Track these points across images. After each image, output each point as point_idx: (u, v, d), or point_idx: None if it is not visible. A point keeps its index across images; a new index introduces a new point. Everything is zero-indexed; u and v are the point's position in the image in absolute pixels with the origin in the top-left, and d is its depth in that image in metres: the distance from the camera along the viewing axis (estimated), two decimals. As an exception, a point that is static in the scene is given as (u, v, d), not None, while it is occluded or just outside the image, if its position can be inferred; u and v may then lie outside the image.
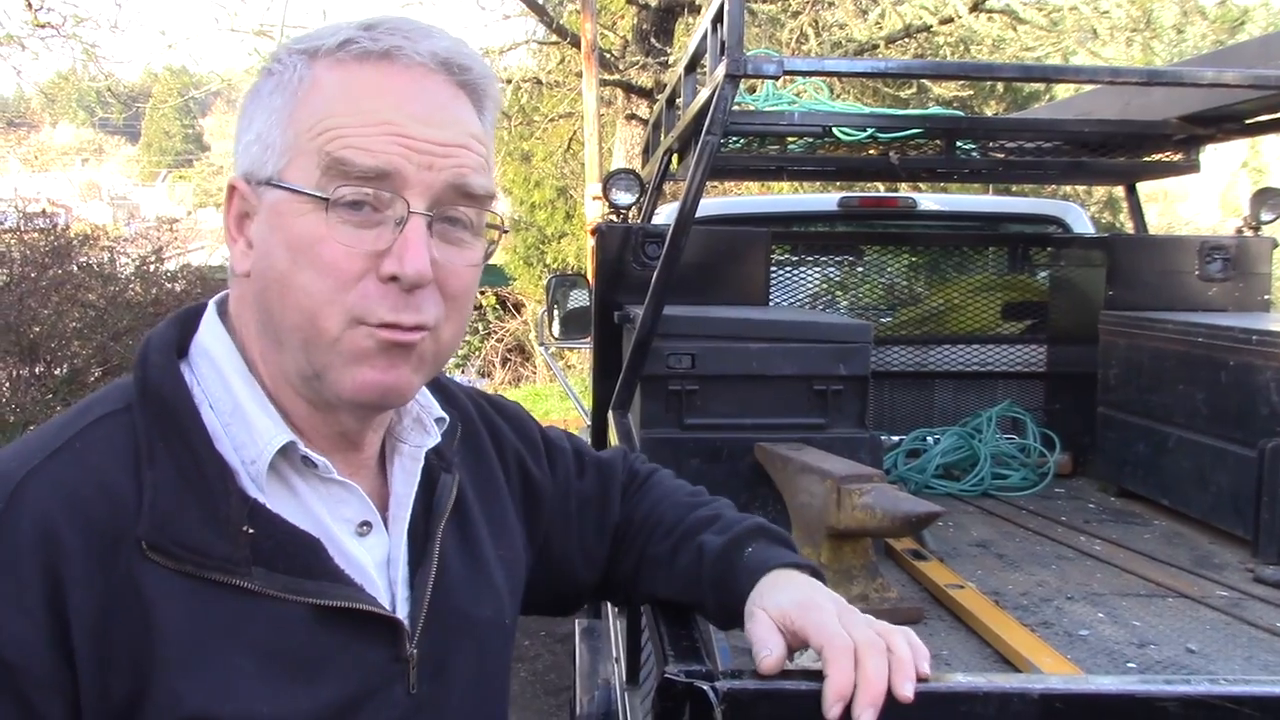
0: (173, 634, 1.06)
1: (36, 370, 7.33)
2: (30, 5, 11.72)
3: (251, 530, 1.12)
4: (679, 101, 3.39)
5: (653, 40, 11.75)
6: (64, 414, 1.18)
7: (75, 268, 7.91)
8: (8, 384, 7.27)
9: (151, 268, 8.52)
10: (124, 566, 1.07)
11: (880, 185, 9.17)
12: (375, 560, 1.22)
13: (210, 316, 1.24)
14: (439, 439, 1.32)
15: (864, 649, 1.16)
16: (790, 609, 1.25)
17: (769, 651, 1.21)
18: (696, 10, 11.31)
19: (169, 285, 8.15)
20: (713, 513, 1.52)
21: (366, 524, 1.23)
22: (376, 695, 1.17)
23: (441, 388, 1.44)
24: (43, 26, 11.95)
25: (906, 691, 1.13)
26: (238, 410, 1.16)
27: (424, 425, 1.31)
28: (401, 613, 1.23)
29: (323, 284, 1.11)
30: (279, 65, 1.17)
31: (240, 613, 1.10)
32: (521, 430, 1.55)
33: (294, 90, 1.15)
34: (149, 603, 1.06)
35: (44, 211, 10.34)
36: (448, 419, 1.34)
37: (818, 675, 1.15)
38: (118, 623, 1.05)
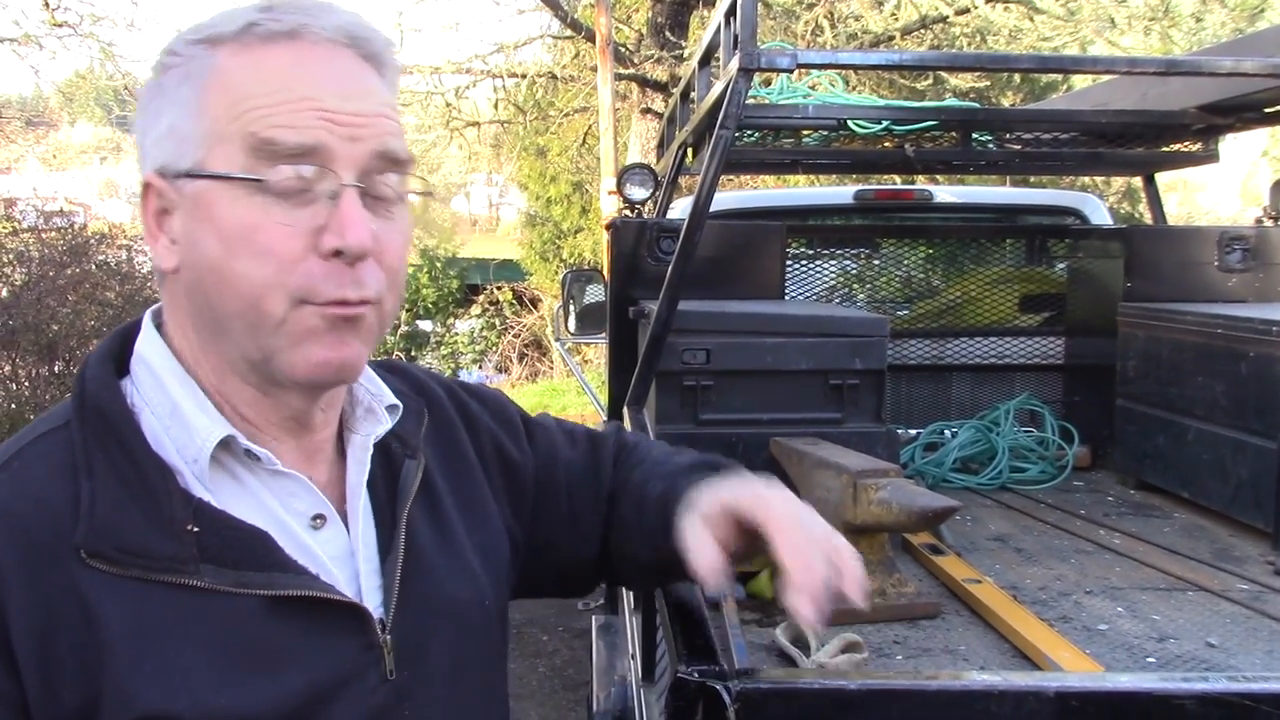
0: (120, 637, 1.07)
1: (55, 368, 7.38)
2: (48, 4, 11.78)
3: (196, 528, 1.12)
4: (693, 95, 3.38)
5: (667, 34, 11.75)
6: (9, 439, 1.20)
7: (93, 266, 7.96)
8: (27, 382, 7.32)
9: (169, 266, 8.53)
10: (64, 576, 1.08)
11: (897, 178, 9.14)
12: (330, 554, 1.22)
13: (146, 326, 1.25)
14: (390, 425, 1.32)
15: (811, 541, 1.15)
16: (729, 495, 1.25)
17: (705, 559, 1.19)
18: (711, 3, 11.28)
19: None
20: (677, 465, 1.51)
21: (320, 517, 1.23)
22: (350, 683, 1.17)
23: (410, 377, 1.45)
24: (60, 25, 12.01)
25: (856, 596, 1.11)
26: (176, 411, 1.17)
27: (375, 414, 1.31)
28: (372, 600, 1.23)
29: (263, 269, 1.11)
30: (178, 58, 1.17)
31: (191, 611, 1.11)
32: (498, 413, 1.55)
33: (201, 79, 1.15)
34: (93, 609, 1.07)
35: (62, 210, 10.40)
36: (401, 406, 1.34)
37: (833, 674, 1.14)
38: (62, 632, 1.07)
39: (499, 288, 19.09)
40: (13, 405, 7.13)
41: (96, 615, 1.07)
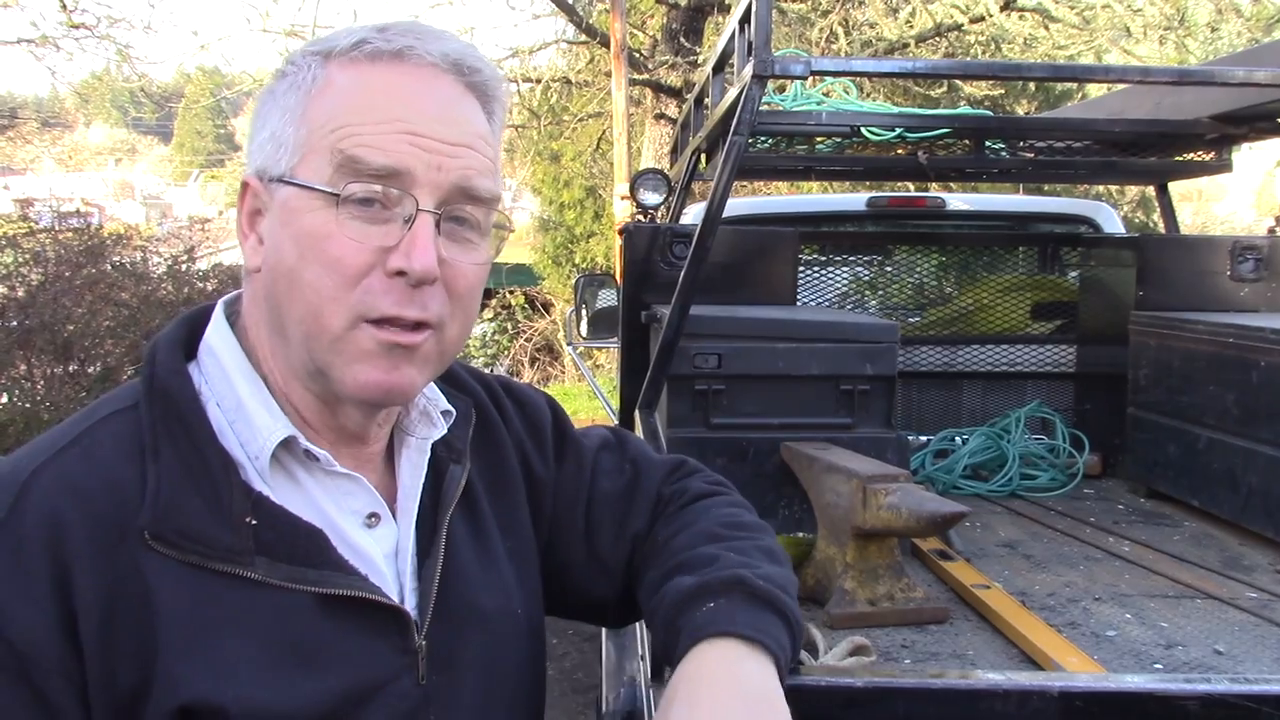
0: (175, 622, 1.09)
1: (70, 369, 7.39)
2: (65, 6, 11.82)
3: (254, 521, 1.14)
4: (707, 101, 3.39)
5: (682, 40, 11.75)
6: (76, 414, 1.22)
7: (108, 267, 7.97)
8: (42, 382, 7.33)
9: (183, 267, 8.58)
10: (128, 557, 1.10)
11: (911, 185, 9.14)
12: (384, 551, 1.24)
13: (217, 317, 1.27)
14: (445, 430, 1.33)
15: None
16: None
17: None
18: (726, 9, 11.29)
19: (200, 284, 8.21)
20: (717, 552, 1.35)
21: (374, 515, 1.25)
22: (387, 686, 1.19)
23: (451, 377, 1.45)
24: (77, 27, 12.05)
25: None
26: (240, 406, 1.20)
27: (431, 418, 1.33)
28: (409, 604, 1.24)
29: (329, 280, 1.13)
30: (293, 67, 1.20)
31: (243, 602, 1.12)
32: (530, 417, 1.53)
33: (307, 89, 1.18)
34: (152, 592, 1.09)
35: (78, 211, 10.47)
36: (455, 412, 1.36)
37: (840, 672, 1.15)
38: (123, 611, 1.08)
39: (511, 292, 19.08)
40: (27, 405, 7.14)
41: (155, 598, 1.09)
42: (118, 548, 1.10)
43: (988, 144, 3.89)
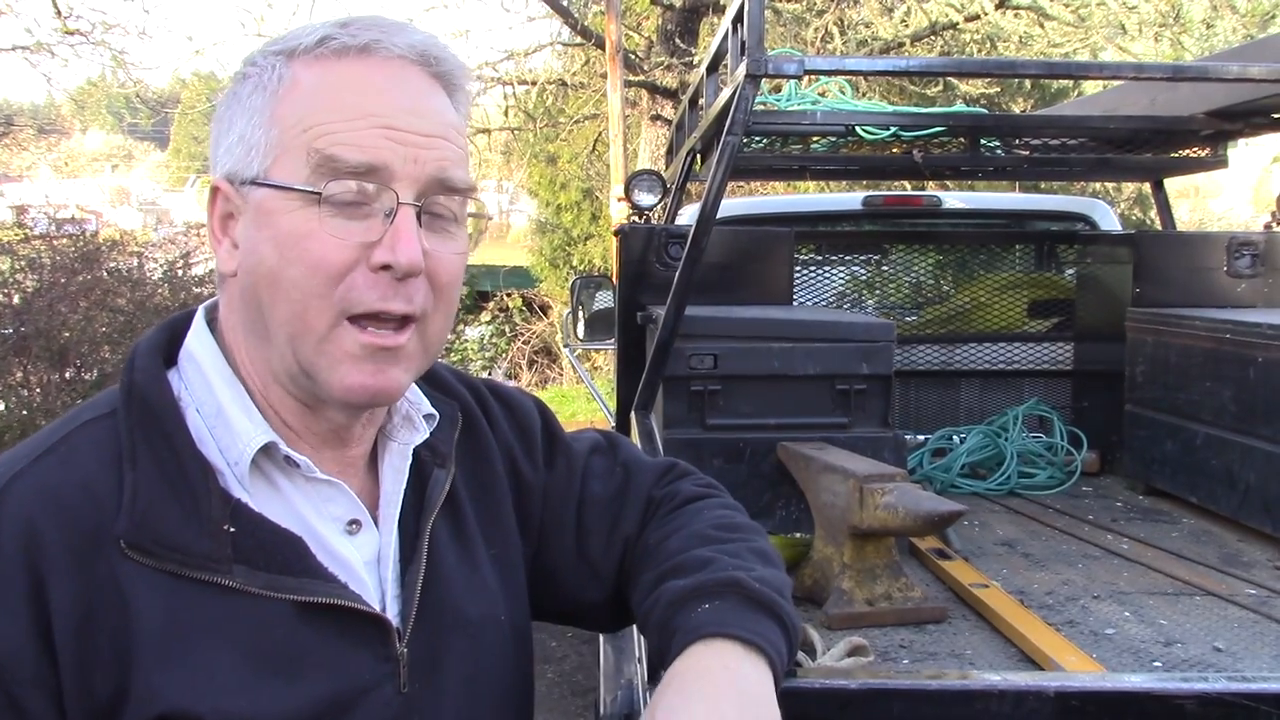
0: (152, 631, 1.08)
1: (66, 375, 7.37)
2: (59, 13, 11.81)
3: (233, 529, 1.13)
4: (701, 102, 3.39)
5: (677, 41, 11.73)
6: (55, 421, 1.21)
7: (104, 273, 7.95)
8: (38, 389, 7.32)
9: (180, 273, 8.56)
10: (105, 565, 1.09)
11: (907, 184, 9.14)
12: (365, 558, 1.23)
13: (198, 322, 1.26)
14: (428, 435, 1.32)
15: None
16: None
17: None
18: (721, 10, 11.27)
19: (197, 290, 8.19)
20: (711, 555, 1.33)
21: (355, 522, 1.23)
22: (368, 695, 1.17)
23: (437, 380, 1.43)
24: (72, 34, 12.03)
25: None
26: (220, 412, 1.18)
27: (413, 422, 1.32)
28: (391, 611, 1.23)
29: (312, 280, 1.12)
30: (254, 68, 1.19)
31: (221, 610, 1.11)
32: (519, 421, 1.51)
33: (273, 89, 1.17)
34: (129, 600, 1.08)
35: (74, 217, 10.42)
36: (438, 415, 1.34)
37: (834, 674, 1.14)
38: (99, 620, 1.07)
39: (509, 294, 19.05)
40: (24, 411, 7.13)
41: (132, 607, 1.08)
42: (94, 556, 1.09)
43: (983, 142, 3.89)
